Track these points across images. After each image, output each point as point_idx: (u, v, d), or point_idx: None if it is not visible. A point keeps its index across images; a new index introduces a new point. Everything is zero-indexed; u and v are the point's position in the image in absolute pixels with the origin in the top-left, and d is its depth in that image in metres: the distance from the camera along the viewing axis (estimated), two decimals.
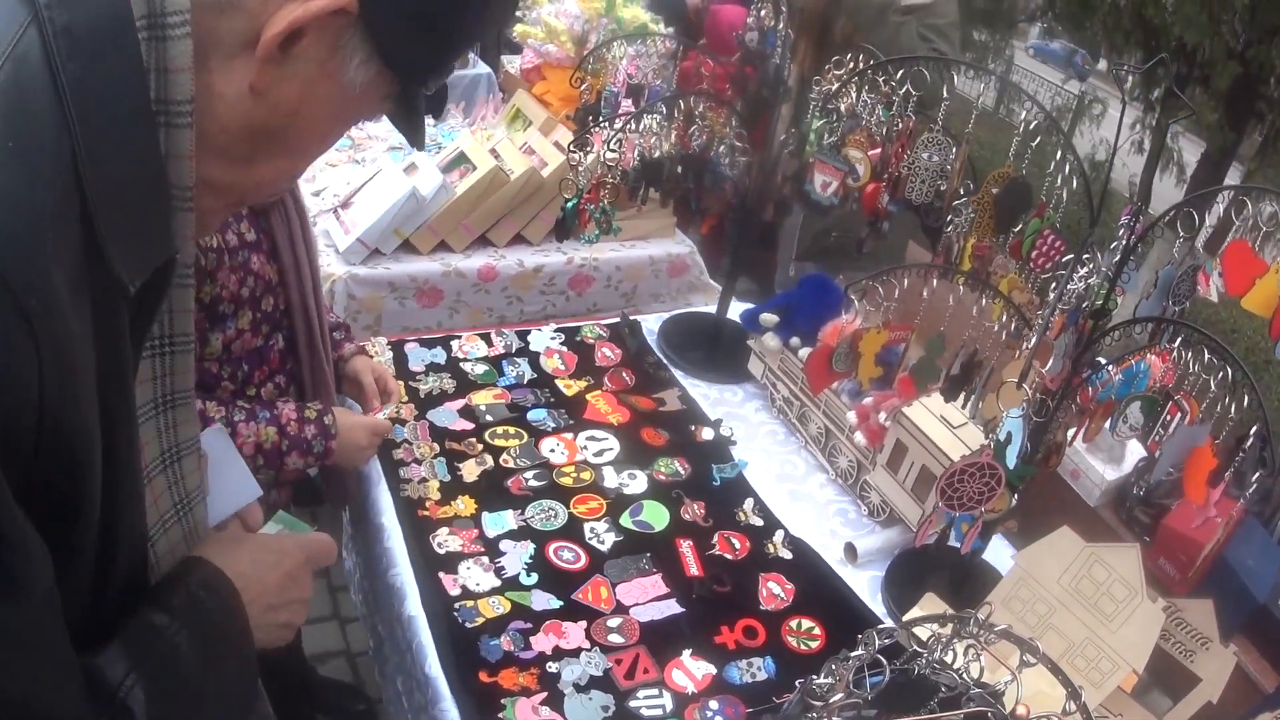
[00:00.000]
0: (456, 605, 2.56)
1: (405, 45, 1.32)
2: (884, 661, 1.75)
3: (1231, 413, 2.24)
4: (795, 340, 3.35)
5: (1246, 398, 2.20)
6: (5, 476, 1.08)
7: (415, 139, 1.52)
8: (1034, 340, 2.48)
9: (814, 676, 1.80)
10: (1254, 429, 2.18)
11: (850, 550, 2.93)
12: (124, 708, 1.30)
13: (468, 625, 2.51)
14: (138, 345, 1.36)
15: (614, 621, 2.59)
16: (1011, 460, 2.48)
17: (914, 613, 2.68)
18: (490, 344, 3.58)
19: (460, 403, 3.26)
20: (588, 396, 3.40)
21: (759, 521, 2.99)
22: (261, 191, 1.47)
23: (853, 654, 1.78)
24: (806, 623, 2.69)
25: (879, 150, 3.06)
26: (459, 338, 3.59)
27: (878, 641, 1.76)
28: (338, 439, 2.75)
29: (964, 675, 1.80)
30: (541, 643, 2.51)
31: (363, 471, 2.99)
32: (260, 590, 1.66)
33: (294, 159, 1.42)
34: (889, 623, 2.58)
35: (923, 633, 1.84)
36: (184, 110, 1.22)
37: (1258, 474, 2.20)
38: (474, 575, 2.65)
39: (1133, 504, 3.44)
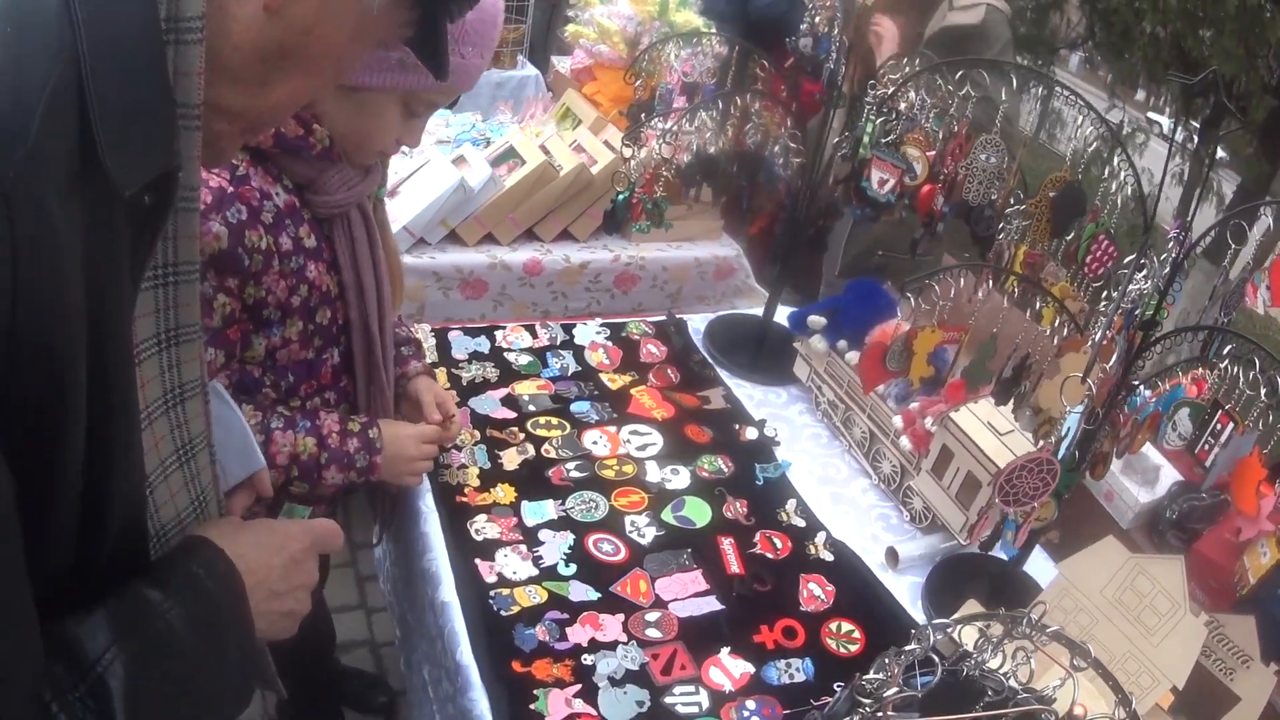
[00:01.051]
0: (492, 593, 2.52)
1: None
2: (938, 658, 1.70)
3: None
4: (842, 344, 3.31)
5: None
6: None
7: (439, 68, 1.51)
8: (1098, 334, 2.44)
9: (862, 674, 1.76)
10: None
11: (892, 555, 2.89)
12: (100, 682, 1.23)
13: (503, 614, 2.48)
14: (138, 274, 1.30)
15: (652, 616, 2.55)
16: (1064, 451, 2.44)
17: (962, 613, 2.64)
18: (535, 335, 3.56)
19: (503, 392, 3.24)
20: (632, 391, 3.37)
21: (801, 522, 2.95)
22: (276, 116, 1.44)
23: (906, 648, 1.73)
24: (846, 625, 2.64)
25: (934, 153, 3.03)
26: (503, 328, 3.56)
27: (932, 636, 1.71)
28: (383, 453, 2.62)
29: (1013, 679, 1.75)
30: (577, 634, 2.47)
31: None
32: (263, 576, 1.58)
33: (309, 79, 1.37)
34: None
35: (969, 637, 1.80)
36: (194, 27, 1.18)
37: None
38: (511, 563, 2.62)
39: (1165, 527, 3.39)
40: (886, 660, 1.73)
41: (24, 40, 1.07)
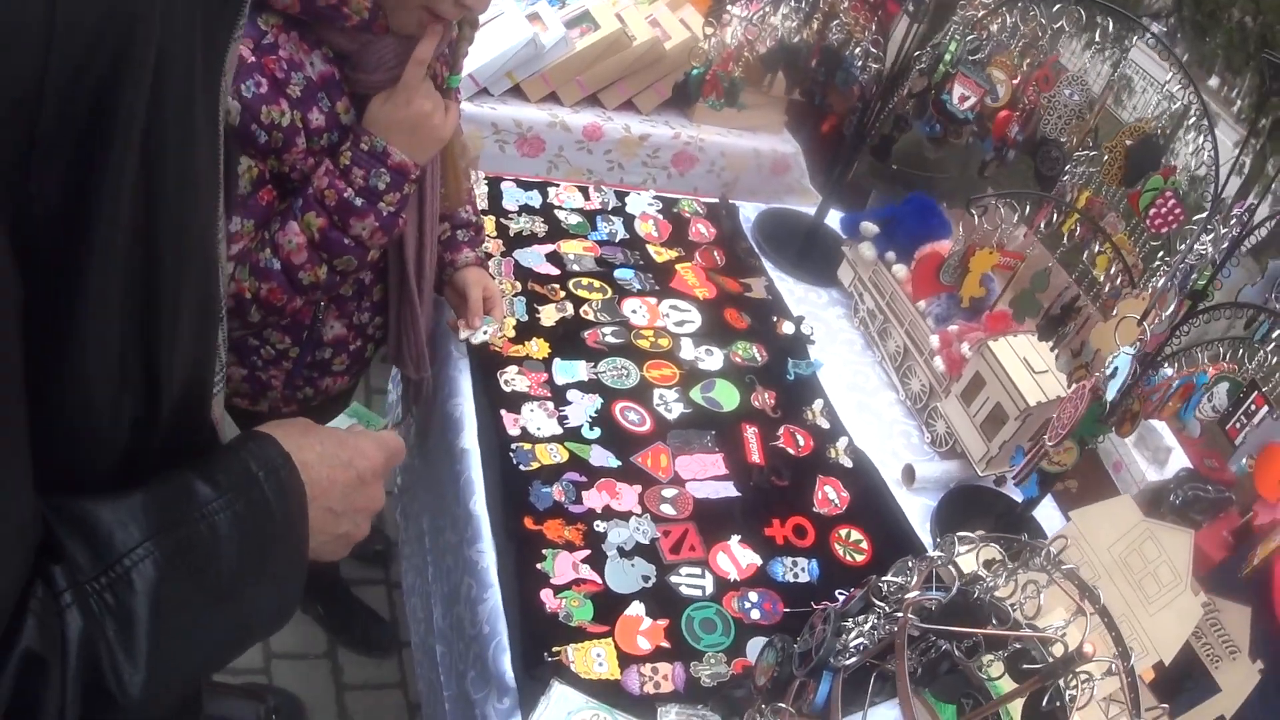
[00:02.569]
0: (513, 446, 2.53)
1: None
2: (956, 572, 1.70)
3: None
4: (890, 254, 3.30)
5: None
6: None
7: None
8: (1161, 282, 2.42)
9: (876, 576, 1.76)
10: None
11: (908, 473, 2.89)
12: (124, 578, 1.07)
13: (521, 468, 2.49)
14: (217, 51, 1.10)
15: (669, 492, 2.56)
16: (1113, 393, 2.42)
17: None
18: (587, 198, 3.55)
19: (549, 248, 3.23)
20: (677, 266, 3.36)
21: (825, 424, 2.96)
22: None
23: (926, 555, 1.74)
24: (855, 534, 2.66)
25: (1018, 80, 3.00)
26: (556, 186, 3.55)
27: (956, 547, 1.71)
28: (398, 128, 2.21)
29: (1019, 611, 1.75)
30: (593, 499, 2.48)
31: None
32: (325, 489, 1.39)
33: None
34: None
35: (973, 564, 1.80)
36: None
37: None
38: (536, 419, 2.62)
39: (1166, 510, 3.39)
40: (909, 564, 1.73)
41: None
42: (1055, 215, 2.75)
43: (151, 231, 1.03)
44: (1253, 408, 2.31)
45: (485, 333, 2.70)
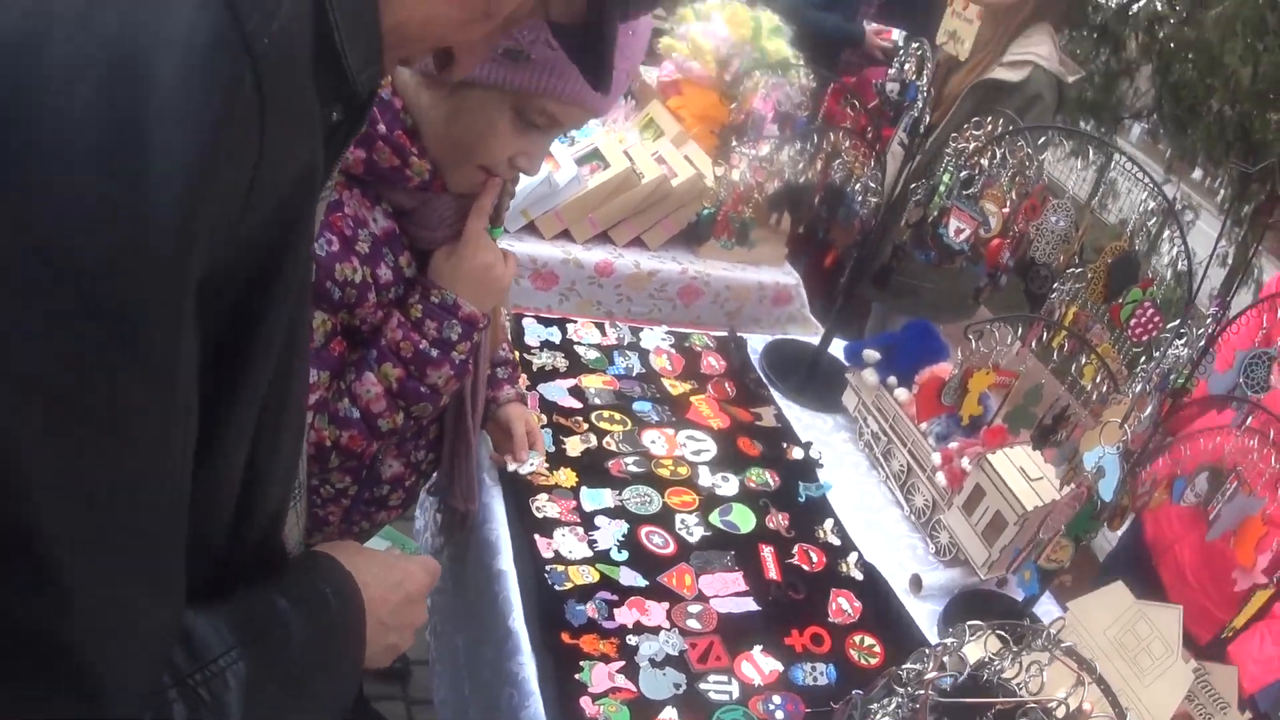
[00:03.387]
0: (548, 568, 2.69)
1: None
2: (965, 661, 1.89)
3: None
4: (892, 379, 3.49)
5: None
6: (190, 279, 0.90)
7: (598, 70, 1.39)
8: (1139, 387, 2.64)
9: (895, 666, 1.94)
10: None
11: (916, 582, 3.06)
12: (219, 677, 1.17)
13: (556, 588, 2.65)
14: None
15: (694, 608, 2.72)
16: (1108, 493, 2.61)
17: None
18: (604, 334, 3.74)
19: (571, 382, 3.41)
20: (691, 399, 3.54)
21: (836, 541, 3.13)
22: (402, 42, 1.18)
23: (941, 641, 1.92)
24: (869, 640, 2.82)
25: (1008, 209, 3.21)
26: (575, 322, 3.75)
27: (967, 635, 1.89)
28: (462, 282, 2.33)
29: (1024, 689, 1.93)
30: (624, 616, 2.64)
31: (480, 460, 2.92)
32: (379, 606, 1.57)
33: (449, 3, 1.19)
34: None
35: (978, 652, 1.98)
36: None
37: None
38: (568, 543, 2.79)
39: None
40: (926, 652, 1.91)
41: None
42: (1045, 333, 2.96)
43: (280, 371, 1.14)
44: (1228, 487, 2.55)
45: (532, 464, 2.88)
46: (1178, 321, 2.67)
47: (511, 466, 2.86)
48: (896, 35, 7.11)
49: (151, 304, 0.86)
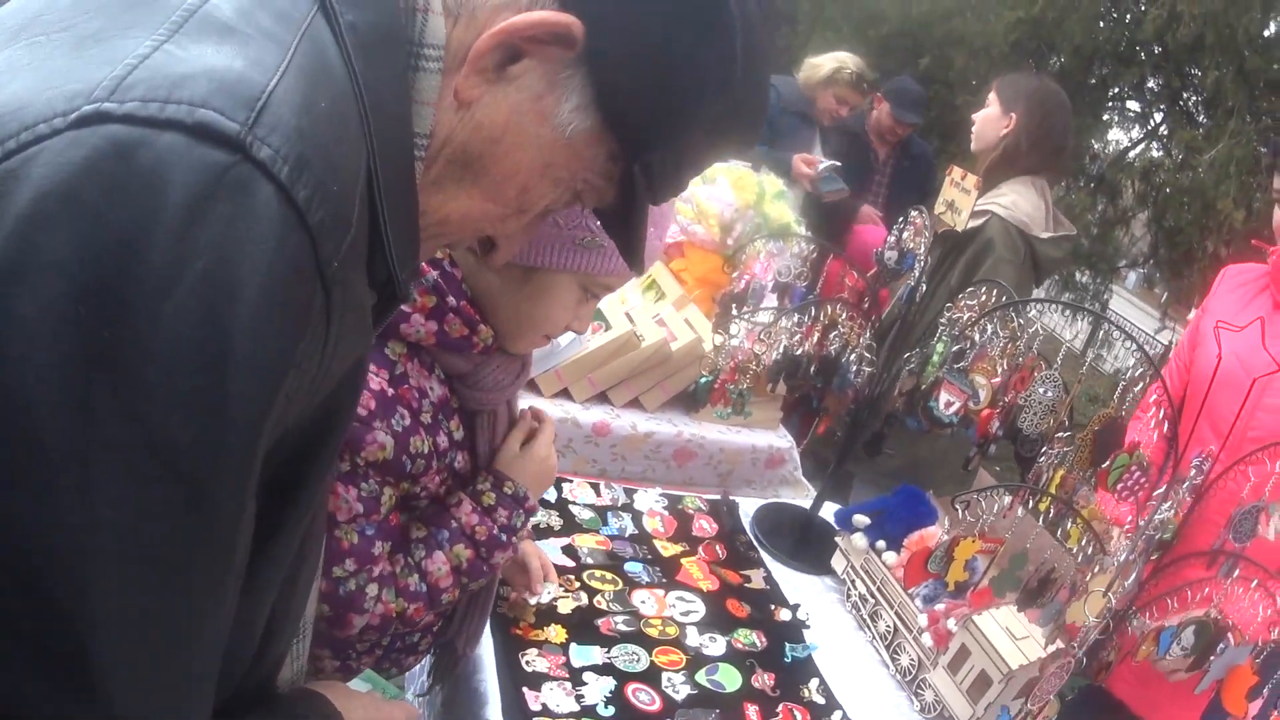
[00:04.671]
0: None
1: (629, 100, 1.28)
2: None
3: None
4: (881, 543, 3.55)
5: None
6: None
7: (632, 250, 1.52)
8: (1123, 556, 2.69)
9: None
10: None
11: None
12: None
13: None
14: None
15: None
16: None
17: None
18: (599, 494, 3.81)
19: (565, 541, 3.46)
20: (682, 560, 3.60)
21: (821, 700, 3.15)
22: (445, 229, 1.39)
23: None
24: None
25: (999, 379, 3.29)
26: (570, 481, 3.82)
27: None
28: (526, 478, 2.52)
29: None
30: None
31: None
32: None
33: (487, 200, 1.34)
34: None
35: None
36: (422, 144, 1.23)
37: None
38: (556, 697, 2.81)
39: None
40: None
41: (342, 119, 1.09)
42: (1030, 499, 3.02)
43: (314, 524, 1.32)
44: (1216, 640, 2.62)
45: (549, 593, 2.98)
46: (1163, 490, 2.75)
47: (533, 600, 2.96)
48: (823, 165, 7.27)
49: (224, 479, 0.99)
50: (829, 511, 4.07)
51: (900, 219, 3.82)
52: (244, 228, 0.93)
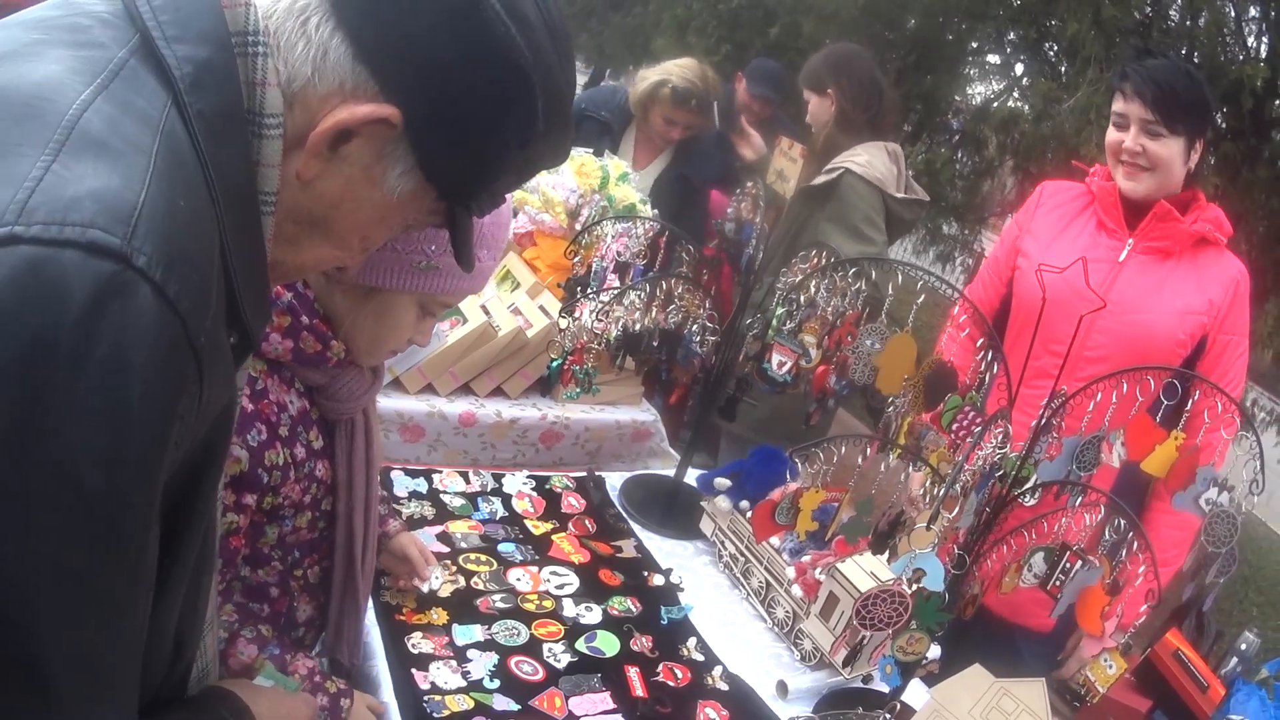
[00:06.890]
0: (426, 698, 2.83)
1: (445, 163, 1.47)
2: None
3: (1122, 556, 2.70)
4: (744, 503, 3.71)
5: (1137, 542, 2.68)
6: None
7: (462, 259, 1.67)
8: (942, 491, 2.85)
9: None
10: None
11: (781, 687, 3.25)
12: None
13: (435, 716, 2.78)
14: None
15: None
16: (936, 584, 2.84)
17: None
18: (468, 482, 3.92)
19: (439, 528, 3.57)
20: (553, 537, 3.73)
21: (700, 657, 3.30)
22: (304, 272, 1.67)
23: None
24: None
25: (827, 337, 3.45)
26: (440, 472, 3.93)
27: None
28: None
29: None
30: None
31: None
32: None
33: (335, 248, 1.55)
34: None
35: None
36: (270, 201, 1.40)
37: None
38: (443, 675, 2.93)
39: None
40: None
41: (196, 212, 1.25)
42: (870, 448, 3.16)
43: (206, 538, 1.50)
44: (1068, 565, 2.77)
45: (438, 578, 3.11)
46: (982, 427, 2.91)
47: (424, 587, 3.09)
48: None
49: (131, 514, 1.19)
50: (694, 479, 4.22)
51: (737, 190, 3.96)
52: (132, 320, 1.12)
